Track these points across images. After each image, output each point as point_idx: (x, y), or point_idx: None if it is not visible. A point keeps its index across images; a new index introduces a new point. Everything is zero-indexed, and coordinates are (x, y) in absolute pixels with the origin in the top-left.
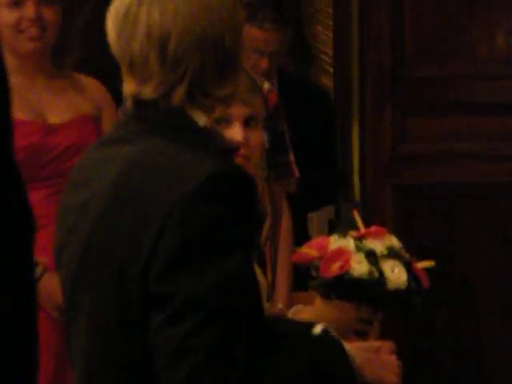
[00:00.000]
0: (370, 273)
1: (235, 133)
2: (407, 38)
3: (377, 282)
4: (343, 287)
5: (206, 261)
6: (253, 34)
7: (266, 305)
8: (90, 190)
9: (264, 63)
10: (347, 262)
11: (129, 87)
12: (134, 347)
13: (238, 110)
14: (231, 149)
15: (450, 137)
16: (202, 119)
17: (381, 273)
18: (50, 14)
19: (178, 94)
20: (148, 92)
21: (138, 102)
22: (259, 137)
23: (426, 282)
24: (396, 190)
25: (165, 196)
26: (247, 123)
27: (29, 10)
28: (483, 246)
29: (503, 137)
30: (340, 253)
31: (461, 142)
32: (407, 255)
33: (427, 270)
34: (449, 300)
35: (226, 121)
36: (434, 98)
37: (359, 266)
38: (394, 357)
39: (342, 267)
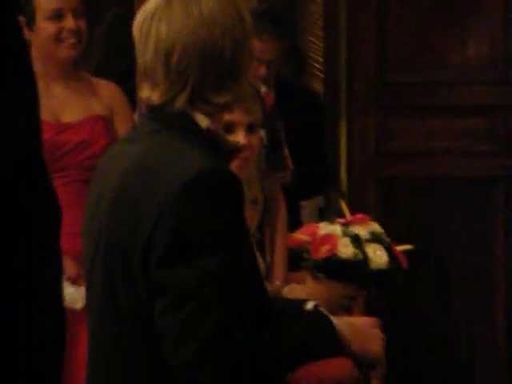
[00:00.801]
0: (355, 255)
1: (239, 139)
2: (389, 48)
3: (361, 262)
4: (331, 267)
5: (197, 253)
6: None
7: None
8: (104, 183)
9: (262, 70)
10: (335, 245)
11: (142, 92)
12: (144, 330)
13: (241, 118)
14: (233, 150)
15: (427, 135)
16: (204, 122)
17: (365, 255)
18: (83, 25)
19: (181, 101)
20: (156, 98)
21: (149, 106)
22: (259, 140)
23: (404, 262)
24: (379, 182)
25: (158, 193)
26: (249, 129)
27: (69, 22)
28: (455, 231)
29: (473, 135)
30: (328, 237)
31: (437, 140)
32: (388, 239)
33: (406, 252)
34: (424, 280)
35: (231, 128)
36: (413, 101)
37: (345, 249)
38: (378, 330)
39: (330, 250)
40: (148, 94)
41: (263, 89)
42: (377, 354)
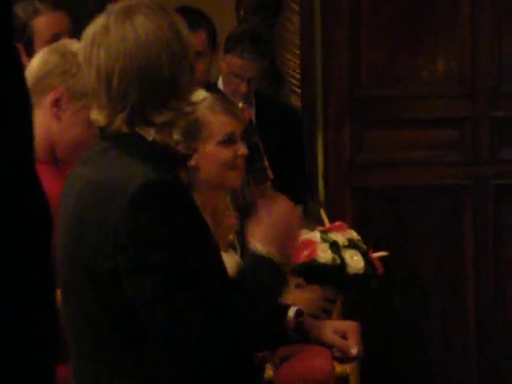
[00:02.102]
0: (333, 260)
1: (243, 148)
2: (362, 64)
3: (338, 267)
4: (310, 271)
5: (150, 263)
6: (234, 62)
7: None
8: (66, 203)
9: (243, 87)
10: (314, 250)
11: (92, 114)
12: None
13: (239, 128)
14: (182, 157)
15: (399, 147)
16: (150, 134)
17: (342, 260)
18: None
19: (120, 120)
20: (102, 120)
21: (99, 128)
22: None
23: (380, 268)
24: (354, 191)
25: (112, 210)
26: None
27: None
28: (426, 237)
29: (442, 146)
30: (308, 243)
31: (408, 151)
32: (365, 246)
33: (381, 258)
34: (399, 284)
35: (233, 140)
36: (385, 114)
37: (324, 254)
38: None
39: (309, 255)
40: (95, 116)
41: (240, 104)
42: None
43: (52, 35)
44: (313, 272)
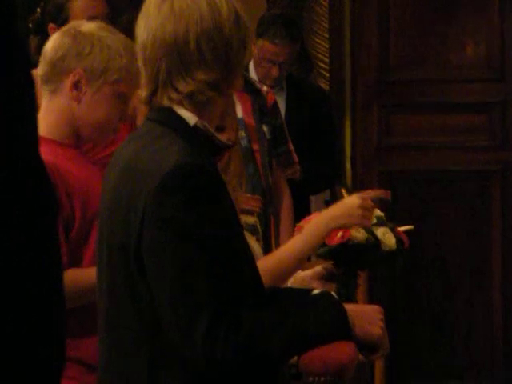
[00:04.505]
0: (367, 239)
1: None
2: (391, 48)
3: (374, 245)
4: (343, 253)
5: (176, 246)
6: (265, 47)
7: None
8: (106, 183)
9: (275, 71)
10: (347, 231)
11: (138, 92)
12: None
13: None
14: (224, 146)
15: (426, 131)
16: (192, 119)
17: (376, 238)
18: None
19: (159, 93)
20: (142, 93)
21: (143, 104)
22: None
23: (407, 243)
24: (381, 175)
25: (143, 191)
26: None
27: None
28: (453, 221)
29: (470, 131)
30: None
31: (436, 136)
32: (391, 223)
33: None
34: (426, 268)
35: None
36: (413, 98)
37: (358, 234)
38: (378, 314)
39: (343, 236)
40: (140, 91)
41: (265, 88)
42: (377, 336)
43: (87, 18)
44: (346, 253)
